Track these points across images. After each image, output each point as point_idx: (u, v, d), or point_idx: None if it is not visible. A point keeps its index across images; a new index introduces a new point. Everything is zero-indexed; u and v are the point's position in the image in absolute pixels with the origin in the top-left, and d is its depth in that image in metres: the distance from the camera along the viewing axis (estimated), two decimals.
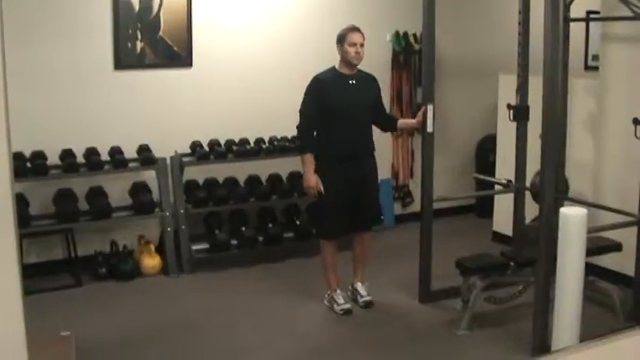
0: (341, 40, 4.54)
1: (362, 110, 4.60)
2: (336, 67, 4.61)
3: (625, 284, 4.51)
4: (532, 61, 4.84)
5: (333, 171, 4.56)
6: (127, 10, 5.40)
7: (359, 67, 4.63)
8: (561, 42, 4.14)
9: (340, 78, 4.57)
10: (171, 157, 5.58)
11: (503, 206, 5.74)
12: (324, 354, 4.18)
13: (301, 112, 4.59)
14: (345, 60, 4.55)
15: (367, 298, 4.78)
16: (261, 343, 4.27)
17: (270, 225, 5.78)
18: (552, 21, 3.68)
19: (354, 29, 4.54)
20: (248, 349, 4.19)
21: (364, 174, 4.68)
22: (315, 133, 4.62)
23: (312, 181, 4.57)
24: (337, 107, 4.51)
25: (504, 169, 5.64)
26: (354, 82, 4.58)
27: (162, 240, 5.57)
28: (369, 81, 4.70)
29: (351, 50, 4.49)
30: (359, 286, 4.85)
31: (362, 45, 4.52)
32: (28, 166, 5.04)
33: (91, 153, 5.29)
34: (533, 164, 4.55)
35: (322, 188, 4.55)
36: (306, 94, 4.58)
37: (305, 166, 4.60)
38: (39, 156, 5.12)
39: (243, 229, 5.68)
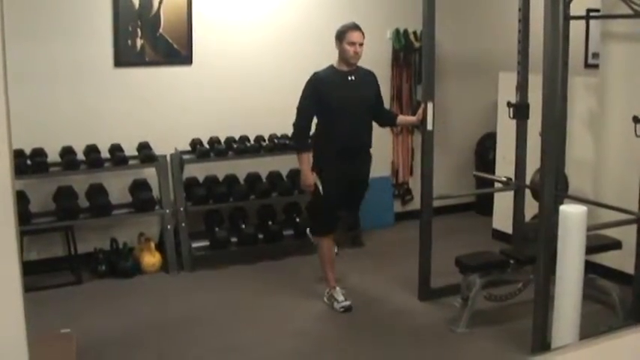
0: (340, 37, 4.51)
1: (361, 106, 4.58)
2: (334, 64, 4.58)
3: (625, 282, 4.51)
4: (532, 58, 4.84)
5: (333, 167, 4.56)
6: (127, 8, 5.39)
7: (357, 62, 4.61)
8: (561, 40, 4.14)
9: (339, 75, 4.54)
10: (172, 155, 5.58)
11: (503, 204, 5.74)
12: (324, 351, 4.18)
13: (298, 109, 4.58)
14: (343, 58, 4.53)
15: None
16: (261, 340, 4.28)
17: (270, 222, 5.78)
18: (552, 19, 3.67)
19: (354, 27, 4.50)
20: (248, 346, 4.20)
21: (361, 171, 4.70)
22: (311, 130, 4.63)
23: (310, 179, 4.57)
24: (336, 104, 4.49)
25: (504, 166, 5.65)
26: (352, 78, 4.56)
27: (162, 237, 5.57)
28: (367, 77, 4.68)
29: (350, 49, 4.47)
30: None
31: (361, 44, 4.49)
32: (29, 164, 5.03)
33: (91, 150, 5.29)
34: (533, 162, 4.55)
35: (320, 185, 4.56)
36: (304, 90, 4.55)
37: (302, 164, 4.60)
38: (39, 153, 5.13)
39: (243, 226, 5.68)
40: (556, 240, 3.63)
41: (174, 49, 5.62)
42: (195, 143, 5.64)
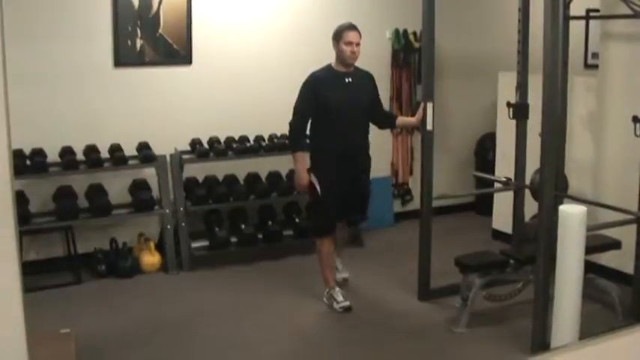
0: (337, 37, 4.50)
1: (358, 108, 4.58)
2: (332, 64, 4.58)
3: (624, 282, 4.51)
4: (532, 59, 4.84)
5: (330, 169, 4.54)
6: (126, 8, 5.39)
7: (355, 64, 4.60)
8: (561, 40, 4.14)
9: (336, 76, 4.54)
10: (171, 155, 5.58)
11: (502, 204, 5.74)
12: (324, 351, 4.19)
13: (295, 108, 4.56)
14: (340, 58, 4.52)
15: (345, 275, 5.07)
16: (260, 340, 4.28)
17: (269, 223, 5.78)
18: (552, 19, 3.68)
19: (351, 27, 4.49)
20: (247, 346, 4.20)
21: (360, 171, 4.69)
22: (307, 130, 4.63)
23: (305, 179, 4.55)
24: (334, 105, 4.48)
25: (504, 166, 5.65)
26: (350, 80, 4.56)
27: (161, 237, 5.57)
28: (365, 79, 4.67)
29: (347, 49, 4.46)
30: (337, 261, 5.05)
31: (358, 44, 4.48)
32: (28, 164, 5.04)
33: (91, 150, 5.29)
34: (533, 162, 4.55)
35: (318, 187, 4.55)
36: (301, 90, 4.54)
37: (297, 163, 4.58)
38: (39, 153, 5.12)
39: (243, 226, 5.68)
40: (556, 240, 3.64)
41: (173, 49, 5.63)
42: (195, 143, 5.64)
